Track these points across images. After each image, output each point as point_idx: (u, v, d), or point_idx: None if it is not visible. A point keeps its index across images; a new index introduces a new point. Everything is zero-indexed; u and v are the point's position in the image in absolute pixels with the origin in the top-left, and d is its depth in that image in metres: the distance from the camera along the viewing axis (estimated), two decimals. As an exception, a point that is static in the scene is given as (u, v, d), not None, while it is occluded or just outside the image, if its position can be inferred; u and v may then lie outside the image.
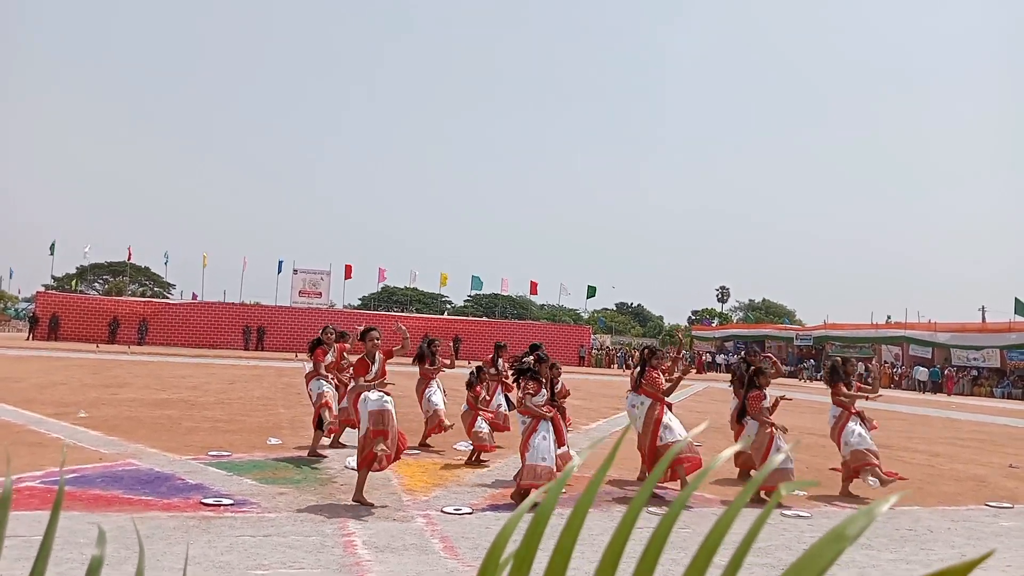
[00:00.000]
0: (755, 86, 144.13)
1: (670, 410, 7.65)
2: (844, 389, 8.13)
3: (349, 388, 7.79)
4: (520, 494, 6.72)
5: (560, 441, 6.93)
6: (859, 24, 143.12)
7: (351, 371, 7.35)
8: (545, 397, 7.04)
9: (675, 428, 7.43)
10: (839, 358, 8.64)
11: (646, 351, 8.13)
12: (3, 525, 0.85)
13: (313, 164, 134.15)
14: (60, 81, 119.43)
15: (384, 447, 6.27)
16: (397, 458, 6.63)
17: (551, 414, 6.97)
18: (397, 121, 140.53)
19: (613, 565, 0.71)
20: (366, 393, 6.55)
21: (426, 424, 9.71)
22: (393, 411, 6.54)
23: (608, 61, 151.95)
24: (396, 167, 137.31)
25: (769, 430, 7.46)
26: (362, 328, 7.10)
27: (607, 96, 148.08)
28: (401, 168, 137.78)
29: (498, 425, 9.41)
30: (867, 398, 8.32)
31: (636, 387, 7.83)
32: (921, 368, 39.24)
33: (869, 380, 9.04)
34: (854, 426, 7.90)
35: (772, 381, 8.01)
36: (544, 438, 6.76)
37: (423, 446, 9.60)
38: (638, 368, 8.00)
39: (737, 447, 0.82)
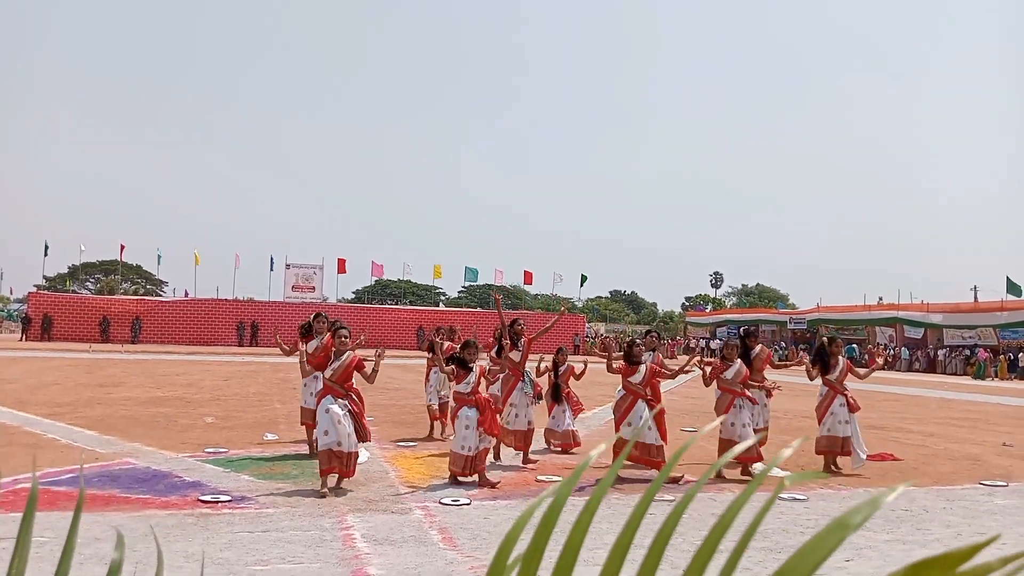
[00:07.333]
0: (748, 74, 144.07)
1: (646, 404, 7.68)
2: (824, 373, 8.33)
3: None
4: (453, 478, 6.94)
5: (486, 424, 6.93)
6: (855, 13, 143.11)
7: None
8: (471, 385, 7.06)
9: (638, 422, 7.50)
10: (825, 339, 8.79)
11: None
12: (31, 521, 0.86)
13: (303, 159, 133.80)
14: (52, 80, 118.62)
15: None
16: (349, 474, 6.54)
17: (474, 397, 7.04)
18: (386, 113, 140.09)
19: (623, 553, 0.71)
20: (324, 402, 6.60)
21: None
22: (341, 422, 6.48)
23: (603, 51, 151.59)
24: (387, 159, 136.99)
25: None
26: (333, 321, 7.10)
27: (598, 83, 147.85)
28: (393, 160, 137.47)
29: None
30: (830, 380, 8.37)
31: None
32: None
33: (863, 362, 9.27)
34: (836, 407, 8.15)
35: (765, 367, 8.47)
36: (467, 426, 6.91)
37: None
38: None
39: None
